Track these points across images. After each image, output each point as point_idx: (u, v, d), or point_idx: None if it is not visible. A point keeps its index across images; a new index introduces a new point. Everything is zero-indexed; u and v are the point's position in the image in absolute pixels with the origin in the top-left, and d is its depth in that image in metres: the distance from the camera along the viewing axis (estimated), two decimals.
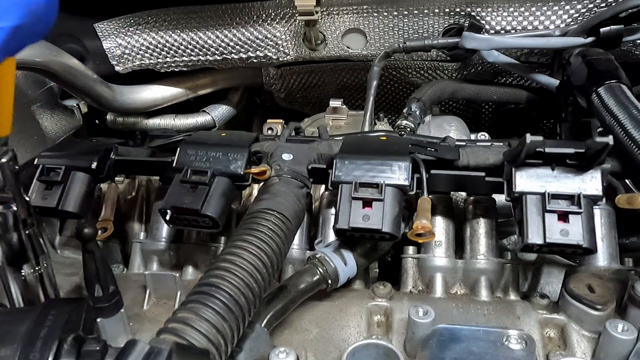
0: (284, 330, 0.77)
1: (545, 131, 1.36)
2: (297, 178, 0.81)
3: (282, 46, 1.19)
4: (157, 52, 1.22)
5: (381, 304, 0.80)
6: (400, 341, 0.75)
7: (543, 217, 0.73)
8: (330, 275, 0.79)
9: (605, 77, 0.85)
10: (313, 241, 0.89)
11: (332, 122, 1.24)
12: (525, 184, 0.75)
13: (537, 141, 0.71)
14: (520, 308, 0.78)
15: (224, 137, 0.90)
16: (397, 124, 1.05)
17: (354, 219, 0.76)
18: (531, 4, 1.06)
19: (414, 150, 0.82)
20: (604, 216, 0.82)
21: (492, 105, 1.38)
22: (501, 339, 0.67)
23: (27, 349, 0.48)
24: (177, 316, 0.54)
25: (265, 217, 0.70)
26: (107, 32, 1.20)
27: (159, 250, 0.95)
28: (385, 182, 0.78)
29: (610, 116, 0.80)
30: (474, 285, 0.84)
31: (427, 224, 0.73)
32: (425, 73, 1.28)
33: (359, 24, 1.16)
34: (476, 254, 0.85)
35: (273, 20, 1.17)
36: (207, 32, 1.19)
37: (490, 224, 0.87)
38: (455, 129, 1.12)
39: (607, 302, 0.72)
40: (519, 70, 1.16)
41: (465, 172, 0.82)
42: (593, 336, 0.73)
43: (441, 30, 1.14)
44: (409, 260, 0.87)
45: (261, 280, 0.62)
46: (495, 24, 1.09)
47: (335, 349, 0.74)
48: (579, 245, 0.71)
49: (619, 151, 0.78)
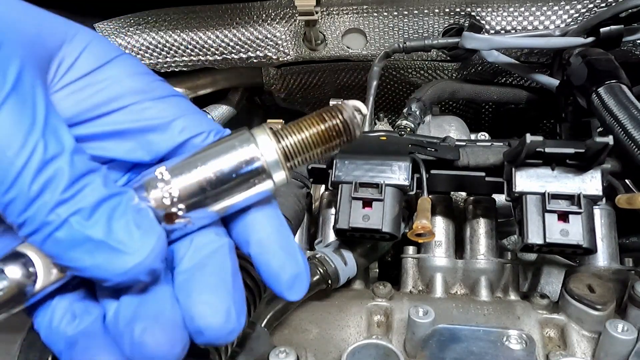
0: (284, 330, 0.77)
1: (545, 131, 1.36)
2: (297, 178, 0.81)
3: (282, 46, 1.19)
4: (157, 52, 1.22)
5: (381, 304, 0.80)
6: (400, 341, 0.75)
7: (543, 217, 0.73)
8: (330, 275, 0.79)
9: (605, 77, 0.85)
10: (313, 241, 0.89)
11: None
12: (525, 184, 0.75)
13: (537, 141, 0.71)
14: (520, 308, 0.78)
15: None
16: (397, 124, 1.05)
17: (354, 219, 0.76)
18: (531, 4, 1.06)
19: (414, 150, 0.82)
20: (604, 216, 0.82)
21: (492, 105, 1.38)
22: (501, 339, 0.67)
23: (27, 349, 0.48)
24: None
25: None
26: (107, 32, 1.20)
27: None
28: (385, 182, 0.78)
29: (610, 116, 0.80)
30: (474, 285, 0.84)
31: (427, 224, 0.73)
32: (425, 73, 1.28)
33: (359, 24, 1.16)
34: (476, 254, 0.85)
35: (273, 20, 1.17)
36: (207, 32, 1.19)
37: (490, 224, 0.87)
38: (455, 129, 1.11)
39: (607, 302, 0.72)
40: (519, 70, 1.16)
41: (465, 172, 0.82)
42: (593, 336, 0.73)
43: (441, 30, 1.14)
44: (409, 260, 0.87)
45: (261, 280, 0.62)
46: (495, 24, 1.09)
47: (335, 349, 0.74)
48: (579, 245, 0.71)
49: (619, 151, 0.78)
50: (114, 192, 0.38)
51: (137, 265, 0.37)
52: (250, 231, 0.44)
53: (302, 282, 0.44)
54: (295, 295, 0.44)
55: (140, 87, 0.44)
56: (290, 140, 0.43)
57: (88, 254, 0.36)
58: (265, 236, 0.44)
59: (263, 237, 0.44)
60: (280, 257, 0.44)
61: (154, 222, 0.39)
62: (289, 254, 0.44)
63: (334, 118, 0.44)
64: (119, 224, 0.37)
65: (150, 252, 0.37)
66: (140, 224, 0.38)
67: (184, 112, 0.45)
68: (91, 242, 0.36)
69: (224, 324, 0.39)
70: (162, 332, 0.37)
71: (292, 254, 0.44)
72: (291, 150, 0.43)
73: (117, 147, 0.44)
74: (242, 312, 0.41)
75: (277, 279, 0.43)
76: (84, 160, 0.38)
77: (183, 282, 0.41)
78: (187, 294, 0.40)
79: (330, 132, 0.44)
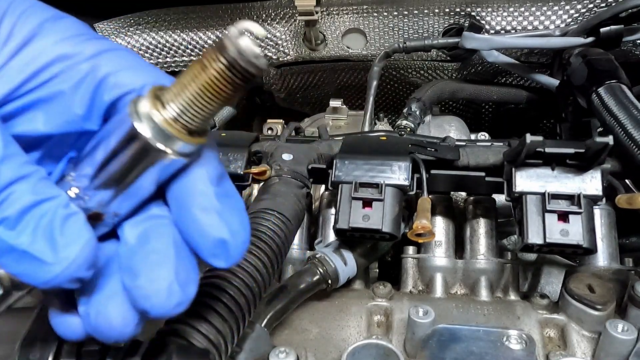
0: (284, 330, 0.77)
1: (545, 131, 1.36)
2: (297, 178, 0.81)
3: (282, 46, 1.19)
4: (157, 52, 1.22)
5: (381, 304, 0.80)
6: (400, 341, 0.75)
7: (543, 217, 0.73)
8: (330, 275, 0.79)
9: (605, 77, 0.85)
10: (313, 241, 0.89)
11: (332, 122, 1.24)
12: (525, 184, 0.75)
13: (537, 141, 0.71)
14: (520, 308, 0.78)
15: (224, 137, 0.90)
16: (397, 124, 1.05)
17: (354, 219, 0.76)
18: (531, 4, 1.06)
19: (414, 150, 0.82)
20: (604, 216, 0.82)
21: (492, 105, 1.38)
22: (501, 339, 0.67)
23: (27, 349, 0.48)
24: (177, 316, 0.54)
25: (265, 217, 0.70)
26: (107, 32, 1.20)
27: None
28: (385, 182, 0.78)
29: (610, 116, 0.80)
30: (474, 285, 0.84)
31: (427, 224, 0.73)
32: (425, 73, 1.28)
33: (359, 24, 1.16)
34: (476, 254, 0.85)
35: (273, 20, 1.17)
36: (207, 32, 1.19)
37: (490, 224, 0.87)
38: (455, 129, 1.12)
39: (607, 302, 0.72)
40: (519, 70, 1.16)
41: (465, 172, 0.82)
42: (593, 336, 0.73)
43: (441, 30, 1.14)
44: (409, 260, 0.87)
45: (261, 280, 0.62)
46: (495, 24, 1.09)
47: (335, 349, 0.74)
48: (579, 245, 0.71)
49: (619, 151, 0.78)
50: (42, 199, 0.38)
51: (58, 275, 0.37)
52: (177, 199, 0.42)
53: (227, 249, 0.42)
54: (220, 263, 0.42)
55: (69, 52, 0.42)
56: (177, 104, 0.37)
57: (15, 262, 0.37)
58: (190, 201, 0.42)
59: (186, 202, 0.42)
60: (202, 221, 0.41)
61: (81, 228, 0.38)
62: (215, 217, 0.42)
63: (215, 61, 0.35)
64: (42, 233, 0.37)
65: (72, 263, 0.37)
66: (65, 231, 0.38)
67: (117, 68, 0.42)
68: (16, 251, 0.37)
69: (166, 301, 0.40)
70: (115, 313, 0.41)
71: (221, 218, 0.42)
72: (181, 115, 0.37)
73: (47, 119, 0.42)
74: (188, 283, 0.41)
75: (198, 247, 0.42)
76: (13, 167, 0.38)
77: (125, 265, 0.41)
78: (129, 277, 0.40)
79: (218, 79, 0.35)
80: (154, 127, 0.37)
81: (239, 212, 0.43)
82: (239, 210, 0.44)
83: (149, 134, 0.37)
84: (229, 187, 0.44)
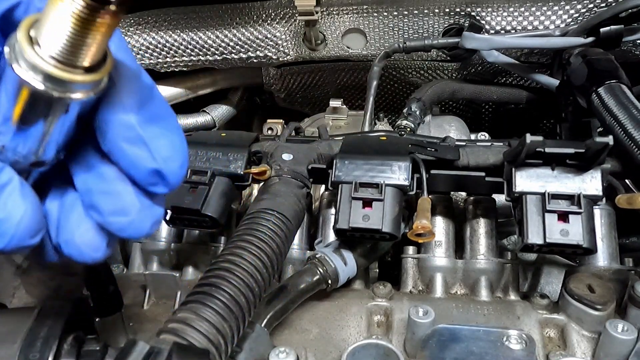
0: (284, 330, 0.77)
1: (545, 131, 1.36)
2: (297, 178, 0.81)
3: (282, 46, 1.19)
4: (157, 52, 1.22)
5: (381, 304, 0.80)
6: (400, 341, 0.75)
7: (543, 217, 0.73)
8: (330, 275, 0.79)
9: (605, 77, 0.85)
10: (313, 241, 0.89)
11: (332, 122, 1.24)
12: (525, 184, 0.75)
13: (537, 141, 0.71)
14: (520, 308, 0.78)
15: (224, 137, 0.90)
16: (397, 124, 1.05)
17: (354, 219, 0.76)
18: (531, 4, 1.06)
19: (414, 150, 0.82)
20: (604, 216, 0.82)
21: (492, 105, 1.38)
22: (501, 339, 0.67)
23: (27, 349, 0.48)
24: (177, 316, 0.54)
25: (265, 217, 0.70)
26: None
27: (159, 250, 0.95)
28: (385, 182, 0.78)
29: (610, 116, 0.80)
30: (474, 285, 0.84)
31: (427, 224, 0.73)
32: (425, 73, 1.28)
33: (359, 24, 1.16)
34: (476, 254, 0.85)
35: (273, 20, 1.17)
36: (207, 32, 1.19)
37: (490, 224, 0.87)
38: (455, 129, 1.12)
39: (607, 302, 0.72)
40: (519, 70, 1.16)
41: (465, 172, 0.82)
42: (593, 336, 0.73)
43: (441, 30, 1.14)
44: (409, 260, 0.87)
45: (261, 280, 0.62)
46: (495, 24, 1.09)
47: (335, 349, 0.74)
48: (579, 245, 0.71)
49: (619, 151, 0.78)
50: None
51: (2, 249, 0.39)
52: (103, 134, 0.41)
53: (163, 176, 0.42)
54: (160, 190, 0.43)
55: None
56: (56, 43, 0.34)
57: None
58: (114, 134, 0.40)
59: (112, 136, 0.40)
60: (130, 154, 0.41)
61: (16, 199, 0.38)
62: (142, 148, 0.40)
63: None
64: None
65: (12, 238, 0.38)
66: (6, 202, 0.38)
67: None
68: None
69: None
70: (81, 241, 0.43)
71: (148, 147, 0.40)
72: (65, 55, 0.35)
73: None
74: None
75: (135, 178, 0.42)
76: None
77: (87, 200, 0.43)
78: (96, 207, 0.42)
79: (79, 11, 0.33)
80: (45, 76, 0.35)
81: (169, 136, 0.42)
82: (169, 132, 0.42)
83: (42, 86, 0.35)
84: (155, 109, 0.42)
